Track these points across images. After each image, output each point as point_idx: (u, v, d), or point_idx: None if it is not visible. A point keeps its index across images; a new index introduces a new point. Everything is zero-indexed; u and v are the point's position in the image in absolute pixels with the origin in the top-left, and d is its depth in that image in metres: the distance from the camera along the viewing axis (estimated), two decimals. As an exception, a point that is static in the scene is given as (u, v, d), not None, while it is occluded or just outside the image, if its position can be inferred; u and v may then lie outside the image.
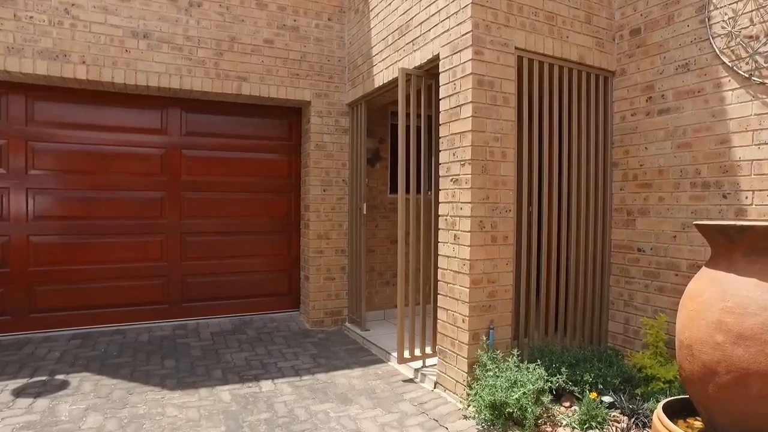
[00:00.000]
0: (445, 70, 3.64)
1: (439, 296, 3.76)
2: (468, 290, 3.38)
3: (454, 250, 3.53)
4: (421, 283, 4.31)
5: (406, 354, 4.12)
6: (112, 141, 4.96)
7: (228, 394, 3.60)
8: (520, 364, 3.18)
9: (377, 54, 4.78)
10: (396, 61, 4.43)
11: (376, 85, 4.77)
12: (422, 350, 4.18)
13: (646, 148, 3.82)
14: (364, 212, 5.20)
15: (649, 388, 3.21)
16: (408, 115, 4.21)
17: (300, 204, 5.76)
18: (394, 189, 5.95)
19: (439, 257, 3.75)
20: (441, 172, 3.71)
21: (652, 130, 3.77)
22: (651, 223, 3.79)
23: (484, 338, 3.41)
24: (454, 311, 3.53)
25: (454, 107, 3.53)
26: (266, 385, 3.80)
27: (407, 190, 4.30)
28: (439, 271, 3.74)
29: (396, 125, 5.95)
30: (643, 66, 3.82)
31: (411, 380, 3.99)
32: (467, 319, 3.39)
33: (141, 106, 5.06)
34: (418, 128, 4.29)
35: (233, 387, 3.73)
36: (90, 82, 4.52)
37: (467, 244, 3.39)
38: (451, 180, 3.57)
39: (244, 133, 5.51)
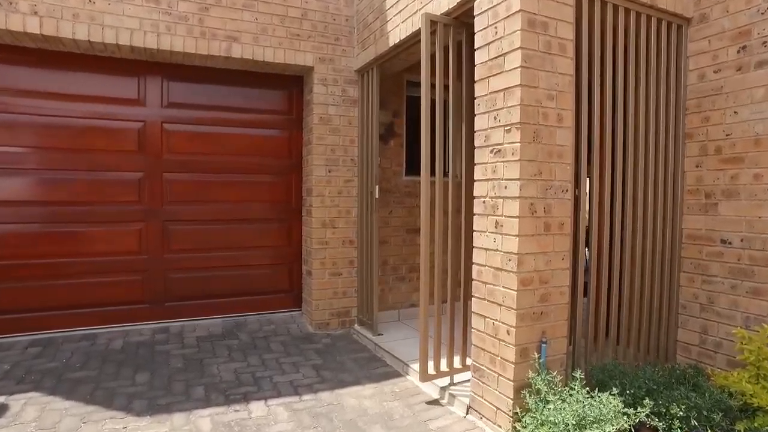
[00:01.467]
0: (483, 12, 2.85)
1: (473, 300, 2.99)
2: (515, 293, 2.61)
3: (495, 241, 2.76)
4: (449, 282, 3.54)
5: (431, 369, 3.37)
6: (79, 113, 4.21)
7: (208, 421, 2.86)
8: (590, 392, 2.41)
9: (393, 6, 3.98)
10: (417, 10, 3.63)
11: (392, 44, 3.97)
12: (449, 363, 3.43)
13: (735, 112, 3.01)
14: (377, 196, 4.43)
15: (755, 425, 2.43)
16: (433, 76, 3.41)
17: (302, 187, 4.99)
18: (410, 170, 5.16)
19: (474, 251, 2.98)
20: (477, 142, 2.92)
21: (745, 88, 2.96)
22: (741, 208, 2.99)
23: (536, 355, 2.64)
24: (495, 319, 2.76)
25: (496, 57, 2.74)
26: (257, 408, 3.06)
27: (432, 172, 3.52)
28: (474, 268, 2.96)
29: (413, 97, 5.16)
30: (734, 6, 3.00)
31: (436, 401, 3.25)
32: (514, 330, 2.62)
33: (113, 71, 4.30)
34: (445, 102, 3.50)
35: (216, 411, 2.99)
36: (47, 38, 3.76)
37: (514, 233, 2.62)
38: (492, 151, 2.78)
39: (236, 105, 4.74)
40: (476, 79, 2.92)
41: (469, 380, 3.29)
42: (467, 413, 3.00)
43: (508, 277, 2.65)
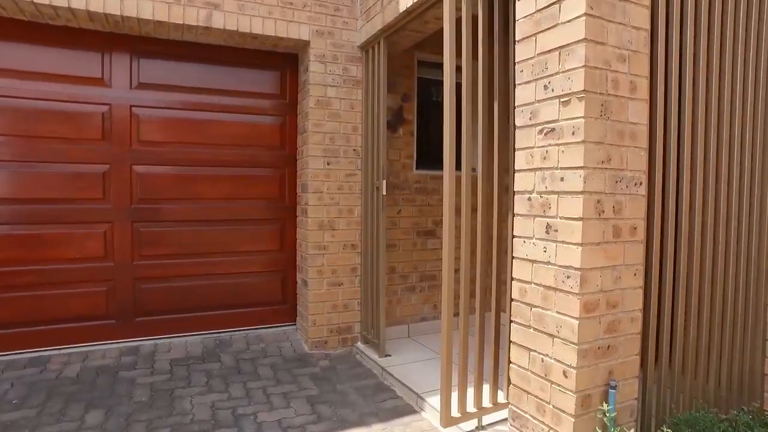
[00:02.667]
0: (528, -51, 2.16)
1: (513, 326, 2.31)
2: (577, 322, 1.93)
3: (546, 250, 2.07)
4: (477, 301, 2.87)
5: (454, 410, 2.69)
6: (29, 92, 3.53)
7: (167, 485, 2.20)
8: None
9: (404, -38, 3.30)
10: (435, -38, 2.95)
11: (403, 9, 3.29)
12: (478, 401, 2.75)
13: None
14: (384, 193, 3.75)
15: None
16: (459, 43, 2.74)
17: (297, 183, 4.31)
18: (422, 163, 4.48)
19: (514, 262, 2.29)
20: (519, 120, 2.24)
21: None
22: None
23: (605, 405, 1.96)
24: (545, 355, 2.08)
25: (547, 6, 2.06)
26: (234, 463, 2.39)
27: (458, 166, 2.87)
28: (515, 285, 2.28)
29: (425, 79, 4.49)
30: None
31: (462, 453, 2.58)
32: (574, 372, 1.93)
33: (72, 44, 3.62)
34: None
35: (180, 468, 2.33)
36: (-18, -1, 3.09)
37: (575, 240, 1.93)
38: (542, 131, 2.10)
39: (220, 87, 4.07)
40: (518, 38, 2.24)
41: (501, 421, 2.63)
42: (504, 472, 2.34)
43: (567, 300, 1.97)
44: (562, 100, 1.99)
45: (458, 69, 2.75)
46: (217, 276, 4.12)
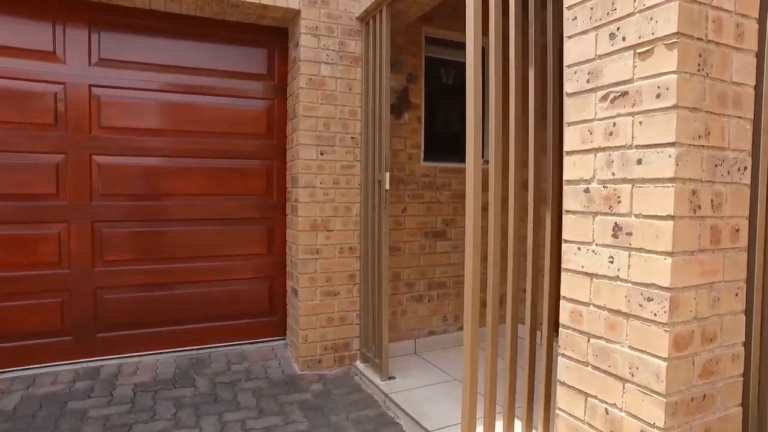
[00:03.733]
0: None
1: (563, 361, 1.73)
2: (664, 364, 1.35)
3: (615, 261, 1.50)
4: (508, 322, 2.30)
5: (478, 462, 2.12)
6: (-34, 68, 2.98)
7: None
8: None
9: None
10: None
11: (410, -37, 2.72)
12: (506, 449, 2.18)
13: None
14: (387, 188, 3.18)
15: None
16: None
17: (286, 176, 3.75)
18: (430, 153, 3.91)
19: (564, 276, 1.71)
20: (572, 86, 1.66)
21: None
22: None
23: (703, 484, 1.39)
24: (612, 405, 1.50)
25: None
26: None
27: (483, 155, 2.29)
28: (565, 306, 1.70)
29: (434, 58, 3.94)
30: None
31: None
32: (660, 435, 1.36)
33: (16, 11, 3.06)
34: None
35: None
36: None
37: (662, 249, 1.36)
38: (606, 97, 1.52)
39: (197, 65, 3.50)
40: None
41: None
42: None
43: (647, 332, 1.39)
44: (638, 51, 1.41)
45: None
46: (194, 284, 3.55)
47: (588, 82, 1.58)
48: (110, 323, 3.36)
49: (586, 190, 1.59)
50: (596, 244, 1.55)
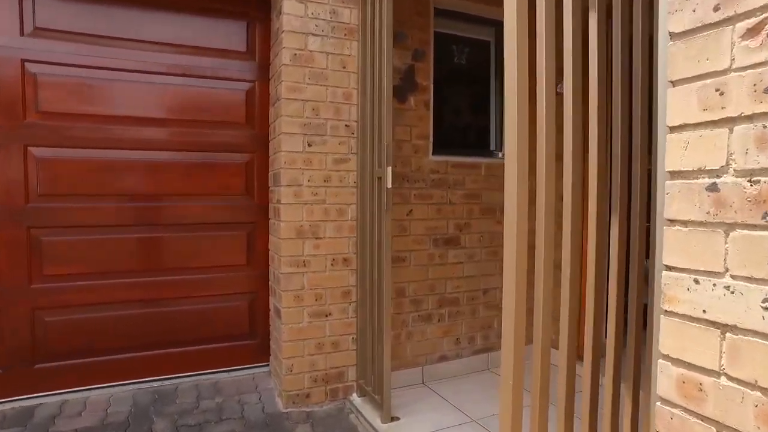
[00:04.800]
0: None
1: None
2: None
3: (776, 308, 0.88)
4: (563, 360, 1.66)
5: None
6: None
7: None
8: None
9: None
10: None
11: None
12: None
13: None
14: (389, 186, 2.56)
15: None
16: None
17: (268, 172, 3.14)
18: (441, 145, 3.31)
19: (665, 321, 1.09)
20: (678, 23, 1.03)
21: None
22: None
23: None
24: None
25: None
26: None
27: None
28: (666, 368, 1.07)
29: (444, 34, 3.34)
30: None
31: None
32: None
33: (-71, -34, 2.47)
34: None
35: None
36: None
37: None
38: (758, 31, 0.90)
39: (161, 40, 2.90)
40: None
41: None
42: None
43: None
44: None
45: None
46: (157, 302, 2.95)
47: (717, 9, 0.96)
48: (52, 351, 2.76)
49: (712, 188, 0.97)
50: (734, 277, 0.94)
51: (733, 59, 0.93)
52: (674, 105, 1.05)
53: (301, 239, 2.79)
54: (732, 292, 0.94)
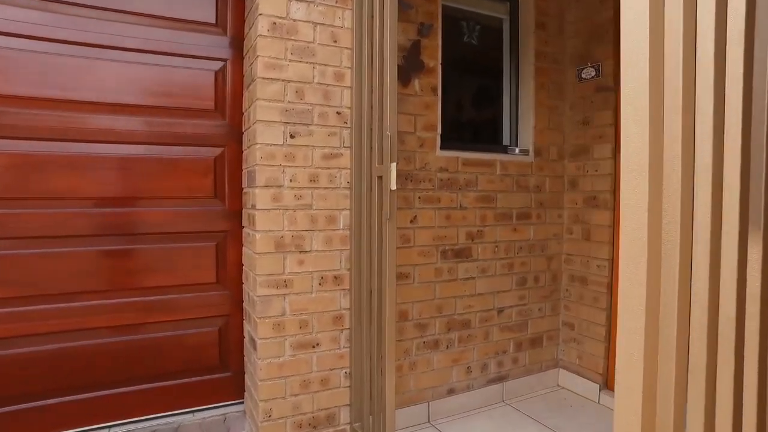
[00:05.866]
0: None
1: None
2: None
3: None
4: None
5: None
6: None
7: None
8: None
9: None
10: None
11: None
12: None
13: None
14: (393, 187, 2.03)
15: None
16: None
17: (242, 170, 2.59)
18: (450, 138, 2.79)
19: None
20: None
21: None
22: None
23: None
24: None
25: None
26: None
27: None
28: None
29: (452, 8, 2.82)
30: None
31: None
32: None
33: None
34: None
35: None
36: None
37: None
38: None
39: (108, 5, 2.33)
40: None
41: None
42: None
43: None
44: None
45: None
46: (103, 331, 2.38)
47: None
48: (-36, 396, 2.18)
49: None
50: None
51: None
52: None
53: (282, 254, 2.25)
54: None
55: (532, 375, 3.16)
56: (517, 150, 3.04)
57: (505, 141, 3.16)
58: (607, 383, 3.03)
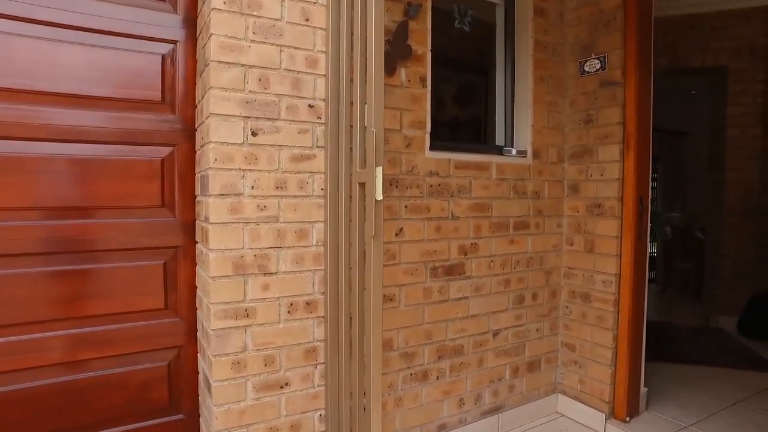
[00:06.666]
0: None
1: None
2: None
3: None
4: None
5: None
6: None
7: None
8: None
9: None
10: None
11: None
12: None
13: None
14: (378, 197, 1.64)
15: None
16: None
17: (195, 174, 2.17)
18: (441, 138, 2.44)
19: None
20: None
21: None
22: None
23: None
24: None
25: None
26: None
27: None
28: None
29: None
30: None
31: None
32: None
33: None
34: None
35: None
36: None
37: None
38: None
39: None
40: None
41: None
42: None
43: None
44: None
45: None
46: (22, 374, 1.93)
47: None
48: None
49: None
50: None
51: None
52: None
53: (242, 277, 1.84)
54: None
55: (530, 402, 2.83)
56: (513, 151, 2.70)
57: (499, 141, 2.83)
58: (614, 412, 2.72)
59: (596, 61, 2.65)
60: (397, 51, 2.19)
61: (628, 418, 2.70)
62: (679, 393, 3.19)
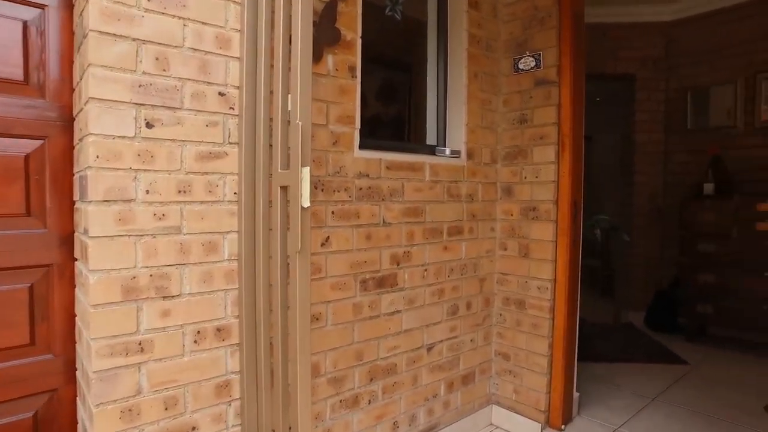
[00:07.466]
0: None
1: None
2: None
3: None
4: None
5: None
6: None
7: None
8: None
9: None
10: None
11: None
12: None
13: None
14: (305, 204, 1.36)
15: None
16: None
17: (73, 175, 1.75)
18: (371, 135, 2.20)
19: None
20: None
21: None
22: None
23: None
24: None
25: None
26: None
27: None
28: None
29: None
30: None
31: None
32: None
33: None
34: None
35: None
36: None
37: None
38: None
39: None
40: None
41: None
42: None
43: None
44: None
45: None
46: None
47: None
48: None
49: None
50: None
51: None
52: None
53: (134, 303, 1.48)
54: None
55: (465, 417, 2.67)
56: (447, 151, 2.53)
57: (430, 140, 2.64)
58: (549, 421, 2.63)
59: (531, 58, 2.54)
60: (323, 35, 1.91)
61: (563, 426, 2.63)
62: (604, 393, 3.21)
